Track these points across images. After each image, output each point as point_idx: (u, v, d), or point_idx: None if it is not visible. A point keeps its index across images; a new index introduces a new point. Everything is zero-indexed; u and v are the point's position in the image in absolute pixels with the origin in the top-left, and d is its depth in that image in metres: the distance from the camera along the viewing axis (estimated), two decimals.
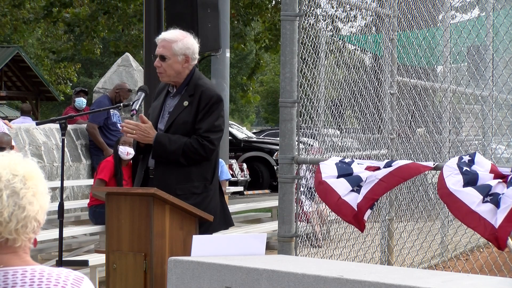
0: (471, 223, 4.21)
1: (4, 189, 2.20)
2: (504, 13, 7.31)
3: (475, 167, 4.33)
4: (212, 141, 5.11)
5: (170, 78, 5.20)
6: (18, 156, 2.29)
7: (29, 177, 2.24)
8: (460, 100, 7.64)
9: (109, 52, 29.83)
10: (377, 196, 4.59)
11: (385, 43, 6.94)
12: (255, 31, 22.63)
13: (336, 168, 4.78)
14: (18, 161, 2.26)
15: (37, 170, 2.28)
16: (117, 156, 8.52)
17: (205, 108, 5.13)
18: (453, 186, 4.25)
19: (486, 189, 4.20)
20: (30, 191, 2.23)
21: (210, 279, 3.78)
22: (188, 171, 5.11)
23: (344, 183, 4.68)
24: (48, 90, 31.64)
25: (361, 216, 4.59)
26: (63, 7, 20.40)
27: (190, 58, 5.19)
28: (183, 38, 5.20)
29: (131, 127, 5.10)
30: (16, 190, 2.21)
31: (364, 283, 3.31)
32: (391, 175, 4.55)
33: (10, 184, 2.21)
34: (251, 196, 18.22)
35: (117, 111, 11.42)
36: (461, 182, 4.25)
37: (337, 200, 4.66)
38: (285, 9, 5.24)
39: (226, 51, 11.55)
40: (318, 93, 6.08)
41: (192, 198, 5.05)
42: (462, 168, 4.30)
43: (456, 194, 4.22)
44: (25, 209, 2.21)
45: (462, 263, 7.10)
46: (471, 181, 4.25)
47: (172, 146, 5.06)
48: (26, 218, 2.21)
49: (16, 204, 2.20)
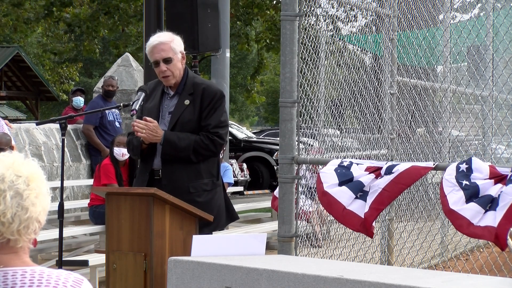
0: (476, 235, 4.24)
1: (8, 190, 2.20)
2: (504, 13, 7.31)
3: (474, 176, 4.32)
4: (221, 136, 5.16)
5: (176, 78, 5.21)
6: (21, 157, 2.29)
7: (32, 179, 2.24)
8: (460, 100, 7.64)
9: (109, 52, 29.83)
10: (383, 206, 4.62)
11: (385, 43, 6.94)
12: (256, 31, 22.63)
13: (336, 175, 4.78)
14: (21, 162, 2.26)
15: (40, 172, 2.28)
16: (114, 158, 8.52)
17: (210, 104, 5.15)
18: (455, 205, 4.27)
19: (488, 200, 4.22)
20: (33, 192, 2.22)
21: (210, 279, 3.78)
22: (198, 169, 5.13)
23: (347, 192, 4.69)
24: (48, 90, 31.65)
25: (369, 225, 4.62)
26: (63, 6, 20.40)
27: (184, 55, 5.23)
28: (174, 37, 5.24)
29: (141, 126, 5.08)
30: (20, 191, 2.21)
31: (364, 283, 3.31)
32: (393, 184, 4.56)
33: (14, 185, 2.20)
34: (251, 196, 18.21)
35: (117, 110, 11.39)
36: (463, 198, 4.27)
37: (343, 211, 4.68)
38: (285, 9, 5.24)
39: (226, 51, 11.55)
40: (318, 93, 6.08)
41: (203, 196, 5.09)
42: (462, 183, 4.30)
43: (460, 212, 4.25)
44: (28, 210, 2.21)
45: (462, 263, 7.10)
46: (472, 195, 4.26)
47: (182, 143, 5.07)
48: (28, 219, 2.21)
49: (19, 205, 2.20)
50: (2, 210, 2.18)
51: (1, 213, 2.18)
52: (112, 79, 11.67)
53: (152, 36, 5.34)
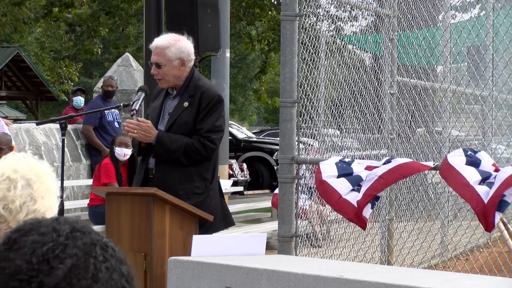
0: (465, 195, 4.25)
1: (20, 179, 2.23)
2: (504, 13, 7.31)
3: (479, 155, 4.38)
4: (213, 141, 5.12)
5: (170, 83, 5.20)
6: (33, 158, 2.34)
7: (44, 174, 2.28)
8: (460, 100, 7.64)
9: (109, 52, 29.84)
10: (375, 192, 4.61)
11: (385, 43, 6.94)
12: (258, 31, 22.61)
13: (336, 168, 4.79)
14: (34, 161, 2.32)
15: (51, 171, 2.33)
16: (114, 157, 8.52)
17: (206, 108, 5.13)
18: (455, 162, 4.29)
19: (486, 175, 4.24)
20: (44, 186, 2.26)
21: (210, 279, 3.78)
22: (189, 171, 5.12)
23: (345, 183, 4.70)
24: (48, 90, 31.66)
25: (361, 213, 4.61)
26: (64, 7, 20.39)
27: (185, 60, 5.17)
28: (176, 42, 5.17)
29: (132, 127, 5.10)
30: (31, 183, 2.24)
31: (364, 283, 3.31)
32: (390, 172, 4.57)
33: (26, 175, 2.24)
34: (251, 196, 18.21)
35: (117, 111, 11.39)
36: (464, 161, 4.30)
37: (338, 199, 4.68)
38: (285, 9, 5.24)
39: (226, 51, 11.55)
40: (318, 93, 6.08)
41: (194, 198, 5.06)
42: (467, 151, 4.35)
43: (457, 168, 4.27)
44: (37, 202, 2.23)
45: (462, 263, 7.10)
46: (473, 163, 4.30)
47: (173, 145, 5.07)
48: (35, 212, 2.22)
49: (29, 195, 2.23)
50: (12, 197, 2.20)
51: (10, 200, 2.20)
52: (111, 79, 11.67)
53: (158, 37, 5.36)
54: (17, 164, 2.25)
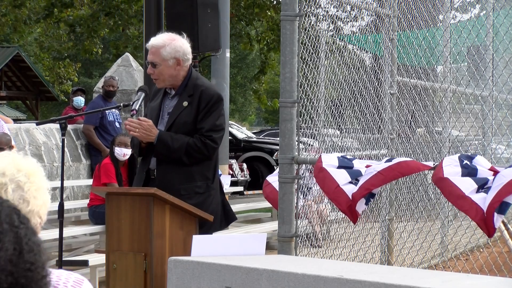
0: (463, 207, 4.24)
1: (9, 183, 2.20)
2: (504, 13, 7.31)
3: (476, 161, 4.36)
4: (214, 140, 5.12)
5: (166, 83, 5.20)
6: (19, 154, 2.30)
7: (33, 173, 2.25)
8: (460, 100, 7.64)
9: (109, 52, 29.83)
10: (372, 187, 4.60)
11: (385, 43, 6.94)
12: (258, 31, 22.60)
13: (338, 160, 4.82)
14: (21, 158, 2.28)
15: (39, 167, 2.30)
16: (114, 157, 8.52)
17: (206, 107, 5.12)
18: (450, 173, 4.27)
19: (483, 181, 4.23)
20: (34, 185, 2.23)
21: (210, 279, 3.78)
22: (191, 171, 5.11)
23: (344, 174, 4.72)
24: (48, 90, 31.65)
25: (354, 206, 4.62)
26: (64, 7, 20.40)
27: (181, 60, 5.15)
28: (171, 42, 5.16)
29: (134, 125, 5.09)
30: (21, 184, 2.22)
31: (364, 283, 3.31)
32: (390, 169, 4.58)
33: (15, 178, 2.21)
34: (251, 196, 18.20)
35: (117, 111, 11.39)
36: (460, 173, 4.28)
37: (335, 188, 4.69)
38: (285, 9, 5.24)
39: (226, 51, 11.54)
40: (318, 93, 6.08)
41: (195, 198, 5.06)
42: (463, 161, 4.33)
43: (453, 181, 4.25)
44: (30, 203, 2.21)
45: (462, 263, 7.10)
46: (470, 174, 4.28)
47: (175, 144, 5.06)
48: (30, 213, 2.21)
49: (21, 198, 2.21)
50: None
51: None
52: (112, 79, 11.67)
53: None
54: (4, 168, 2.22)
